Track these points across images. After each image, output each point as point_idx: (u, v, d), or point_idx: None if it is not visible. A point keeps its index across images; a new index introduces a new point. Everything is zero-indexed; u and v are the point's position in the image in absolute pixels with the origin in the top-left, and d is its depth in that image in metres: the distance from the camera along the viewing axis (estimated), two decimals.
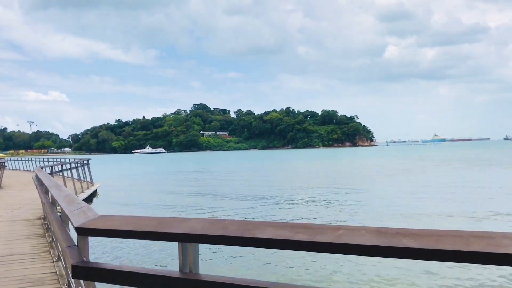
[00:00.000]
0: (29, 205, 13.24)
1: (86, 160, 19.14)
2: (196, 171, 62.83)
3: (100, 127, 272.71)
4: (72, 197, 3.13)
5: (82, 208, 2.60)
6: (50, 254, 6.85)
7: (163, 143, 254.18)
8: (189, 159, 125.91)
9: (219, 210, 21.90)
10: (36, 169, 10.19)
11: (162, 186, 38.99)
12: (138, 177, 54.07)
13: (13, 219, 10.44)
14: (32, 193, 16.85)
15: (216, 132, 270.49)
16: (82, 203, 2.82)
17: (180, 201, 26.68)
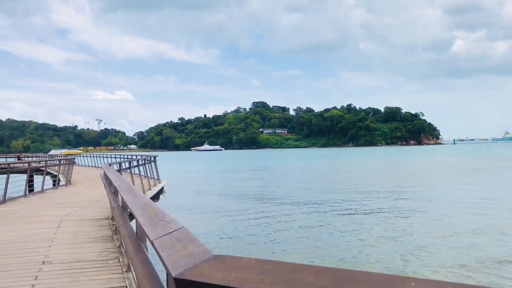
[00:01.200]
0: (96, 203, 12.84)
1: (153, 157, 18.76)
2: (257, 170, 62.19)
3: (164, 125, 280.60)
4: (154, 210, 2.18)
5: (176, 234, 1.63)
6: (119, 262, 6.09)
7: (224, 141, 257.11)
8: (248, 156, 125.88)
9: (283, 216, 20.89)
10: (104, 166, 9.62)
11: (225, 185, 38.54)
12: (200, 174, 54.21)
13: (80, 218, 9.94)
14: (100, 190, 16.60)
15: (275, 130, 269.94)
16: (173, 222, 1.85)
17: (247, 202, 25.91)
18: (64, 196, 14.84)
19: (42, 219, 9.82)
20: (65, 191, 16.60)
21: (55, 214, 10.59)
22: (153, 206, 2.42)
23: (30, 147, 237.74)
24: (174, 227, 1.76)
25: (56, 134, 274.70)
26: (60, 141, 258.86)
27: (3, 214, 10.79)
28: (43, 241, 7.48)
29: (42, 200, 13.84)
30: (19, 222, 9.49)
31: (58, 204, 12.67)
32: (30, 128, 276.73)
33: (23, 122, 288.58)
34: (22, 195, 14.80)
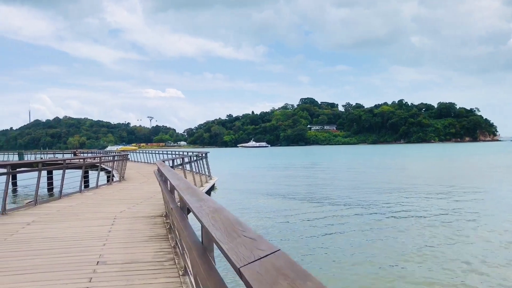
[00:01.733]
0: (150, 199, 12.73)
1: (204, 154, 18.59)
2: (306, 167, 61.41)
3: (213, 122, 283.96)
4: (228, 219, 1.76)
5: (272, 260, 1.19)
6: (175, 264, 5.77)
7: (271, 137, 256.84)
8: (296, 153, 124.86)
9: (334, 218, 20.23)
10: (158, 163, 9.40)
11: (274, 183, 38.16)
12: (249, 170, 54.09)
13: (135, 215, 9.79)
14: (153, 187, 16.60)
15: (323, 126, 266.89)
16: (261, 241, 1.41)
17: (297, 202, 25.43)
18: (118, 192, 14.90)
19: (97, 216, 9.75)
20: (119, 187, 16.71)
21: (109, 210, 10.52)
22: (226, 213, 1.99)
23: (85, 143, 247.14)
24: (265, 248, 1.31)
25: (110, 131, 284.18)
26: (113, 138, 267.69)
27: (59, 210, 10.84)
28: (98, 239, 7.31)
29: (96, 196, 13.93)
30: (74, 219, 9.44)
31: (112, 201, 12.67)
32: (86, 125, 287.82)
33: (79, 119, 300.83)
34: (78, 191, 14.98)
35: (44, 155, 58.54)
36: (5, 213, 10.22)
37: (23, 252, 6.49)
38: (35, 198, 11.81)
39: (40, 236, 7.63)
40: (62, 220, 9.29)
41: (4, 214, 10.15)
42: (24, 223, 8.91)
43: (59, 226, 8.54)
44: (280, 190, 30.16)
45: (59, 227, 8.43)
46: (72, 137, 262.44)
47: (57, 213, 10.39)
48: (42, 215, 9.98)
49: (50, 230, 8.19)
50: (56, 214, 10.24)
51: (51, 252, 6.43)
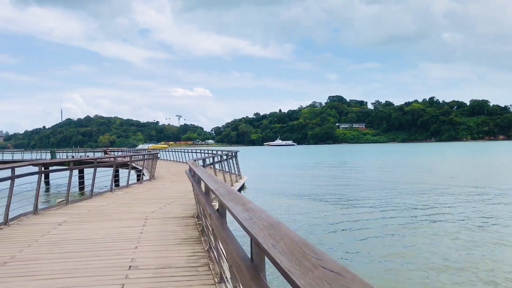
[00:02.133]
0: (180, 199, 12.54)
1: (234, 152, 18.34)
2: (334, 166, 60.62)
3: (240, 120, 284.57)
4: (293, 239, 1.45)
5: None
6: (209, 270, 5.48)
7: (298, 136, 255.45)
8: (323, 152, 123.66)
9: (371, 222, 19.69)
10: (190, 163, 9.15)
11: (304, 182, 37.75)
12: (277, 169, 53.72)
13: (166, 215, 9.58)
14: (182, 185, 16.45)
15: (352, 125, 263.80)
16: (347, 273, 1.06)
17: (328, 201, 24.99)
18: (148, 192, 14.80)
19: (128, 216, 9.59)
20: (149, 186, 16.63)
21: (140, 210, 10.35)
22: (286, 230, 1.66)
23: (115, 142, 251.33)
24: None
25: (139, 130, 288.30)
26: (143, 136, 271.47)
27: (90, 210, 10.75)
28: (129, 241, 7.10)
29: (127, 195, 13.84)
30: (105, 219, 9.30)
31: (143, 200, 12.54)
32: (116, 124, 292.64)
33: (109, 118, 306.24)
34: (108, 190, 14.95)
35: (76, 154, 59.62)
36: (37, 212, 10.18)
37: (54, 255, 6.33)
38: (66, 198, 11.78)
39: (72, 238, 7.48)
40: (93, 221, 9.17)
41: (36, 214, 10.11)
42: (55, 223, 8.81)
43: (91, 227, 8.40)
44: (309, 191, 29.69)
45: (91, 228, 8.29)
46: (102, 135, 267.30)
47: (88, 213, 10.29)
48: (74, 215, 9.89)
49: (81, 231, 8.05)
50: (88, 214, 10.14)
51: (82, 255, 6.25)
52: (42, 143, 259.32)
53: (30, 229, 8.34)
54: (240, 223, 2.09)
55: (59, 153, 62.55)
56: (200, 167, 6.93)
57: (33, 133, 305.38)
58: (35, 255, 6.32)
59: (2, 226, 8.59)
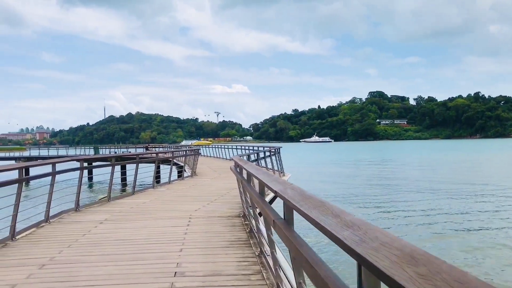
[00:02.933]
0: (224, 196, 12.03)
1: (277, 148, 17.70)
2: (377, 163, 59.08)
3: (278, 117, 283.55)
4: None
5: None
6: (263, 279, 4.88)
7: (338, 132, 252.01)
8: (363, 148, 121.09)
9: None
10: (237, 158, 8.58)
11: (347, 178, 36.76)
12: (318, 166, 52.77)
13: (210, 214, 9.07)
14: (225, 182, 15.97)
15: (393, 121, 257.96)
16: None
17: (375, 202, 24.10)
18: (190, 189, 14.38)
19: (171, 215, 9.13)
20: (191, 183, 16.24)
21: (184, 209, 9.88)
22: (447, 267, 1.00)
23: (156, 138, 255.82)
24: None
25: (179, 126, 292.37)
26: (182, 133, 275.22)
27: (132, 207, 10.37)
28: (174, 243, 6.60)
29: (169, 192, 13.46)
30: (147, 218, 8.87)
31: (186, 197, 12.10)
32: (157, 121, 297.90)
33: (150, 115, 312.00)
34: (151, 186, 14.64)
35: (118, 150, 60.62)
36: (79, 209, 9.88)
37: (94, 257, 5.89)
38: (108, 194, 11.48)
39: (113, 238, 7.06)
40: (136, 219, 8.75)
41: (77, 211, 9.82)
42: (96, 222, 8.44)
43: (133, 226, 7.97)
44: (354, 190, 28.76)
45: (133, 227, 7.86)
46: (144, 132, 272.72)
47: (130, 210, 9.91)
48: (115, 213, 9.52)
49: (123, 230, 7.63)
50: (130, 211, 9.75)
51: (124, 258, 5.78)
52: (86, 139, 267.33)
53: (70, 228, 8.00)
54: (345, 246, 1.45)
55: (102, 149, 63.79)
56: (251, 164, 6.35)
57: (77, 129, 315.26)
58: (75, 257, 5.90)
59: (43, 224, 8.30)
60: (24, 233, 7.49)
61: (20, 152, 72.45)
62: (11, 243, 6.83)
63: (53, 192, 8.66)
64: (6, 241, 6.91)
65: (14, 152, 67.69)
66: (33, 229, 7.82)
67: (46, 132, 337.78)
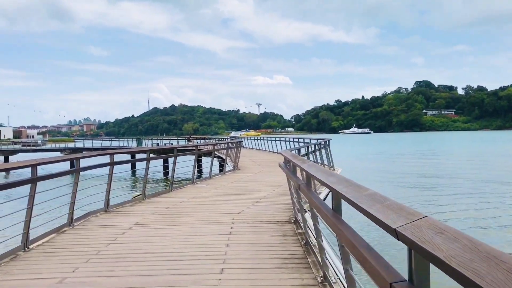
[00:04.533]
0: (270, 195, 10.68)
1: (327, 141, 16.19)
2: (426, 156, 56.23)
3: (320, 108, 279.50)
4: None
5: None
6: None
7: (382, 123, 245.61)
8: (410, 140, 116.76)
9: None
10: (288, 154, 7.22)
11: (399, 173, 34.72)
12: (366, 159, 50.66)
13: (256, 219, 7.76)
14: (269, 177, 14.68)
15: (440, 111, 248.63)
16: None
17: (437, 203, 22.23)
18: (232, 185, 13.13)
19: (211, 218, 7.88)
20: (233, 178, 15.01)
21: (225, 210, 8.63)
22: None
23: (198, 129, 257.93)
24: None
25: (221, 118, 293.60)
26: (224, 124, 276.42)
27: (168, 207, 9.20)
28: (213, 260, 5.31)
29: (209, 189, 12.24)
30: (184, 222, 7.66)
31: (227, 196, 10.83)
32: (199, 112, 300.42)
33: (192, 106, 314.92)
34: (190, 182, 13.52)
35: (160, 141, 60.52)
36: (108, 209, 8.82)
37: (115, 279, 4.70)
38: (143, 192, 10.38)
39: (141, 250, 5.87)
40: (170, 223, 7.56)
41: (107, 211, 8.75)
42: (125, 226, 7.30)
43: (166, 234, 6.77)
44: (407, 184, 26.81)
45: (166, 235, 6.66)
46: (186, 123, 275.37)
47: (165, 211, 8.75)
48: (149, 214, 8.38)
49: (154, 239, 6.43)
50: (165, 213, 8.58)
51: (152, 282, 4.55)
52: (131, 131, 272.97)
53: (94, 234, 6.89)
54: None
55: (145, 140, 63.93)
56: (309, 163, 4.98)
57: (122, 121, 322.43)
58: (90, 278, 4.73)
59: (66, 228, 7.25)
60: (41, 240, 6.42)
61: (66, 143, 73.98)
62: (22, 255, 5.77)
63: (76, 191, 7.57)
64: (17, 252, 5.85)
65: (60, 144, 69.12)
66: (52, 236, 6.76)
67: (93, 124, 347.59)
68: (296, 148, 10.56)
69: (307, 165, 4.56)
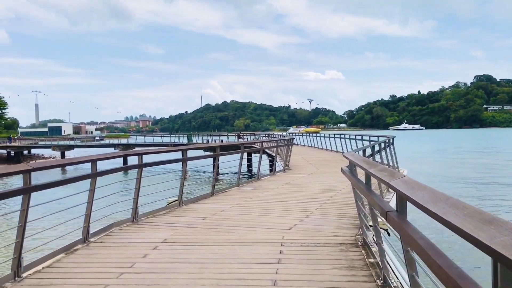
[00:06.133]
0: (327, 204, 9.01)
1: (391, 139, 14.24)
2: (494, 154, 52.21)
3: (374, 103, 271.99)
4: None
5: None
6: None
7: (440, 119, 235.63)
8: (471, 137, 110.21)
9: None
10: (355, 157, 5.55)
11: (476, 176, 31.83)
12: (430, 158, 47.57)
13: (311, 238, 6.13)
14: (325, 180, 13.01)
15: (503, 106, 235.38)
16: None
17: None
18: (282, 189, 11.51)
19: (254, 236, 6.34)
20: (283, 180, 13.40)
21: (273, 224, 7.05)
22: None
23: (249, 125, 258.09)
24: None
25: (272, 114, 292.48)
26: (275, 120, 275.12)
27: (206, 218, 7.72)
28: None
29: (256, 194, 10.68)
30: (221, 241, 6.14)
31: (276, 203, 9.19)
32: (250, 108, 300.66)
33: (244, 103, 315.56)
34: (235, 185, 12.05)
35: (210, 138, 59.88)
36: (136, 219, 7.47)
37: None
38: (179, 197, 8.98)
39: (160, 285, 4.42)
40: (204, 242, 6.07)
41: (134, 221, 7.41)
42: (150, 245, 5.88)
43: (197, 258, 5.27)
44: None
45: (197, 261, 5.15)
46: (238, 120, 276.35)
47: (202, 223, 7.29)
48: (182, 228, 6.96)
49: (180, 268, 4.96)
50: (201, 226, 7.12)
51: None
52: (184, 127, 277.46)
53: (109, 257, 5.52)
54: None
55: (196, 136, 63.61)
56: (397, 174, 3.32)
57: (176, 117, 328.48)
58: None
59: (78, 246, 5.93)
60: (40, 265, 5.10)
61: (119, 139, 75.20)
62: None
63: (92, 201, 6.25)
64: (6, 281, 4.56)
65: (113, 139, 70.30)
66: (59, 257, 5.45)
67: (148, 120, 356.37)
68: (361, 149, 8.82)
69: (399, 181, 2.91)
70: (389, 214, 3.00)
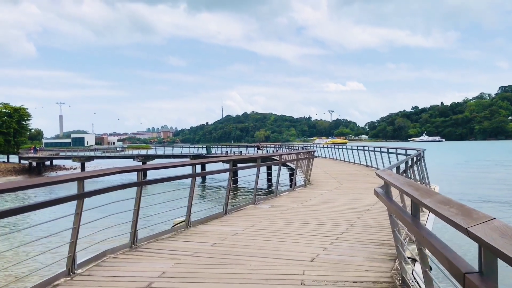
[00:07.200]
0: (354, 227, 7.89)
1: (421, 152, 13.03)
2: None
3: (396, 114, 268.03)
4: None
5: None
6: None
7: (463, 131, 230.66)
8: (492, 149, 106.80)
9: None
10: (392, 178, 4.46)
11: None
12: (461, 171, 45.78)
13: (337, 275, 5.07)
14: (350, 197, 11.91)
15: None
16: None
17: None
18: (303, 208, 10.41)
19: (269, 270, 5.31)
20: (304, 197, 12.30)
21: (291, 255, 5.99)
22: None
23: (270, 137, 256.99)
24: None
25: (292, 125, 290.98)
26: (295, 132, 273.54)
27: (215, 243, 6.70)
28: None
29: (273, 213, 9.63)
30: (230, 275, 5.11)
31: (295, 226, 8.10)
32: (270, 120, 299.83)
33: (264, 114, 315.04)
34: (250, 202, 11.03)
35: (229, 149, 59.00)
36: (135, 245, 6.52)
37: None
38: (187, 218, 8.03)
39: None
40: (210, 277, 5.05)
41: (133, 248, 6.46)
42: (144, 281, 4.89)
43: None
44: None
45: None
46: (258, 131, 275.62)
47: (210, 251, 6.28)
48: (184, 257, 5.96)
49: None
50: (208, 254, 6.10)
51: None
52: (205, 138, 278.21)
53: None
54: None
55: (215, 148, 62.86)
56: (458, 204, 2.26)
57: (197, 128, 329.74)
58: None
59: (60, 280, 5.00)
60: None
61: (138, 150, 75.09)
62: None
63: (79, 223, 5.33)
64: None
65: (133, 151, 70.21)
66: None
67: (169, 131, 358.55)
68: (394, 166, 7.72)
69: (485, 227, 1.88)
70: (468, 277, 1.97)
